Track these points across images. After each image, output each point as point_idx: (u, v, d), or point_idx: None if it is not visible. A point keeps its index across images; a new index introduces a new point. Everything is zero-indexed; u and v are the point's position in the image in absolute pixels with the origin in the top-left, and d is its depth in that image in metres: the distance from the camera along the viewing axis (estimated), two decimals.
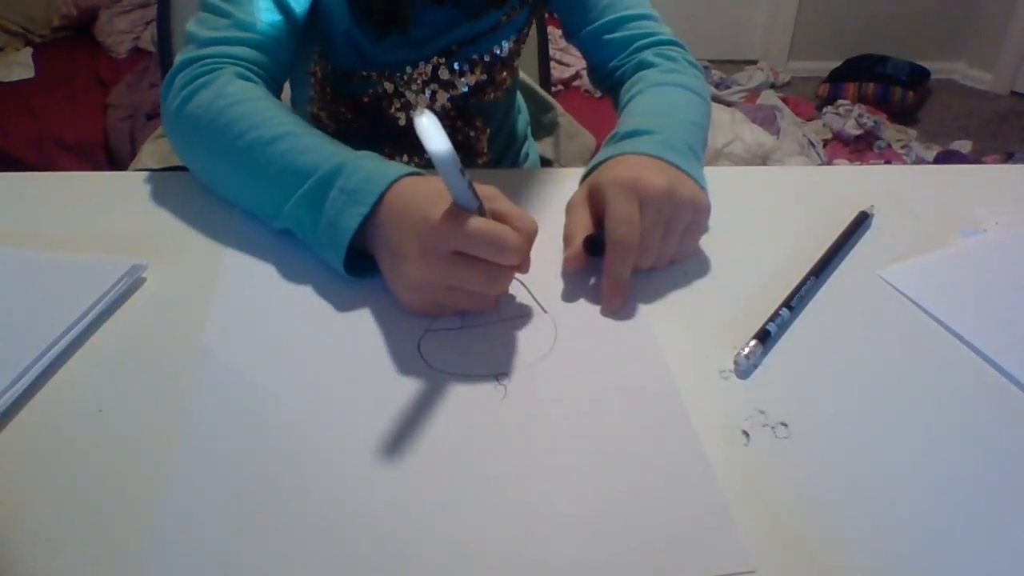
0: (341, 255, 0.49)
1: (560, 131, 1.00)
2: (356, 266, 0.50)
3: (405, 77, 0.74)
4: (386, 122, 0.77)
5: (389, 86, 0.74)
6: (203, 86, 0.58)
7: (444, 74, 0.75)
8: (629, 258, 0.50)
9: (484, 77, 0.77)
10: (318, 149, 0.52)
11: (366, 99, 0.75)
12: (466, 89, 0.77)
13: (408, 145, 0.80)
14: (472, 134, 0.81)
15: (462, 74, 0.76)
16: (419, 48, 0.73)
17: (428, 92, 0.75)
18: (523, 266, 0.49)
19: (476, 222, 0.44)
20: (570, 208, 0.56)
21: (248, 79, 0.60)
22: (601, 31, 0.74)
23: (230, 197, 0.59)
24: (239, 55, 0.61)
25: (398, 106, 0.76)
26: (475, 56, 0.75)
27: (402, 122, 0.77)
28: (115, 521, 0.35)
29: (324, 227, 0.49)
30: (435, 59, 0.74)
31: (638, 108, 0.64)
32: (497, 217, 0.47)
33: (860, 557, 0.35)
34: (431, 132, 0.40)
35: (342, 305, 0.50)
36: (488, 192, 0.48)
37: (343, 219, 0.48)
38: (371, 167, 0.50)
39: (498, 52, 0.76)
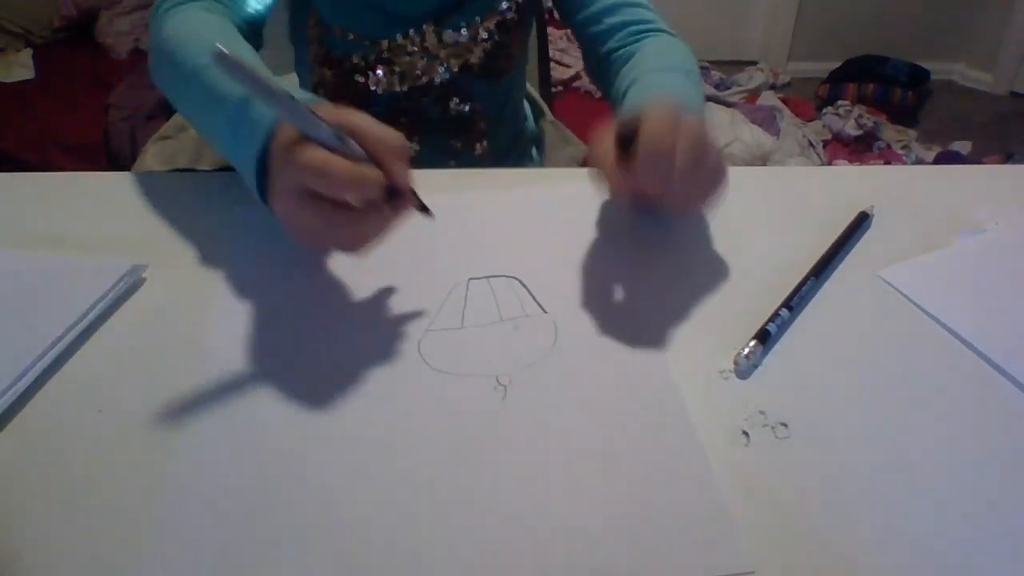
0: (255, 191, 0.48)
1: (546, 139, 1.00)
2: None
3: (394, 45, 0.75)
4: (380, 90, 0.77)
5: (378, 51, 0.75)
6: (170, 18, 0.61)
7: (431, 42, 0.75)
8: (664, 165, 0.45)
9: (474, 51, 0.77)
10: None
11: (356, 61, 0.76)
12: (456, 66, 0.77)
13: (402, 123, 0.80)
14: (465, 112, 0.81)
15: (450, 46, 0.76)
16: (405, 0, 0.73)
17: (417, 60, 0.76)
18: (399, 192, 0.44)
19: (306, 153, 0.41)
20: (595, 145, 0.52)
21: (211, 11, 0.63)
22: (597, 15, 0.76)
23: (188, 119, 0.60)
24: None
25: (388, 72, 0.76)
26: (463, 24, 0.76)
27: (395, 88, 0.77)
28: (115, 521, 0.35)
29: (239, 161, 0.49)
30: (424, 26, 0.74)
31: (646, 85, 0.64)
32: (358, 140, 0.42)
33: (860, 557, 0.35)
34: (232, 67, 0.37)
35: (342, 305, 0.50)
36: (349, 120, 0.43)
37: (246, 155, 0.47)
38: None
39: (488, 25, 0.76)
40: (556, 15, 0.84)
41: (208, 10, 0.63)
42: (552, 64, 1.45)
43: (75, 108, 2.03)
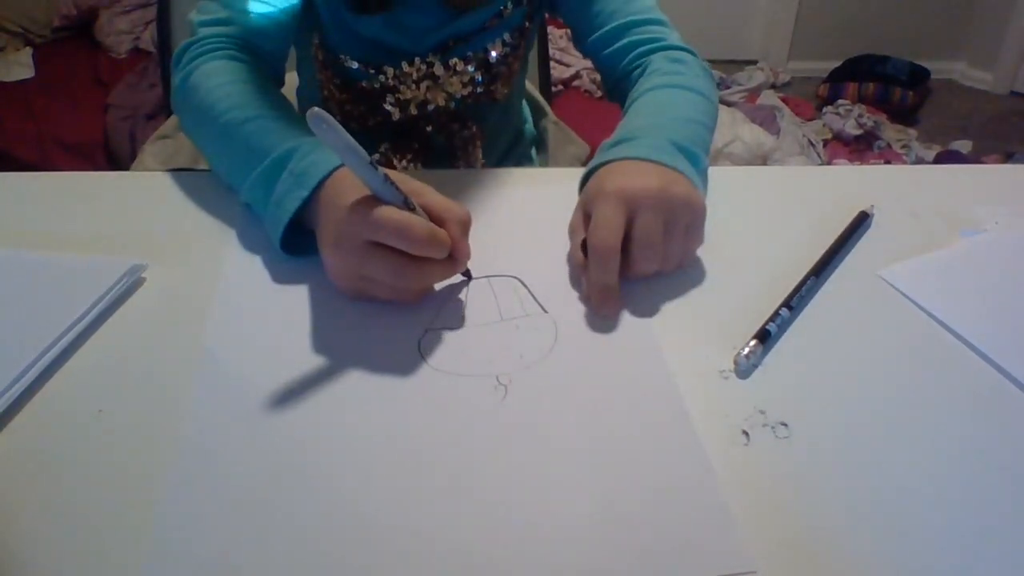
0: (279, 233, 0.51)
1: (549, 138, 1.00)
2: (303, 244, 0.52)
3: (399, 73, 0.75)
4: (382, 116, 0.77)
5: (383, 79, 0.75)
6: (197, 67, 0.62)
7: (438, 71, 0.75)
8: (607, 264, 0.49)
9: (478, 79, 0.77)
10: (281, 131, 0.55)
11: (363, 85, 0.76)
12: (461, 93, 0.77)
13: (405, 147, 0.80)
14: (467, 136, 0.81)
15: (455, 73, 0.76)
16: (410, 37, 0.73)
17: (423, 87, 0.76)
18: (456, 258, 0.49)
19: (383, 210, 0.45)
20: (571, 225, 0.55)
21: (239, 59, 0.64)
22: (607, 38, 0.73)
23: (216, 170, 0.62)
24: (233, 34, 0.65)
25: (392, 101, 0.76)
26: (469, 54, 0.75)
27: (395, 117, 0.77)
28: (115, 521, 0.35)
29: (272, 205, 0.52)
30: (430, 55, 0.74)
31: (631, 113, 0.64)
32: (426, 209, 0.48)
33: (860, 557, 0.35)
34: (327, 129, 0.41)
35: (342, 305, 0.50)
36: (416, 187, 0.48)
37: (287, 200, 0.51)
38: (322, 152, 0.52)
39: (494, 52, 0.76)
40: (553, 15, 0.83)
41: (233, 58, 0.63)
42: (552, 63, 1.45)
43: (75, 108, 2.03)
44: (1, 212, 0.60)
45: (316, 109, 0.40)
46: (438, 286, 0.52)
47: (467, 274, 0.52)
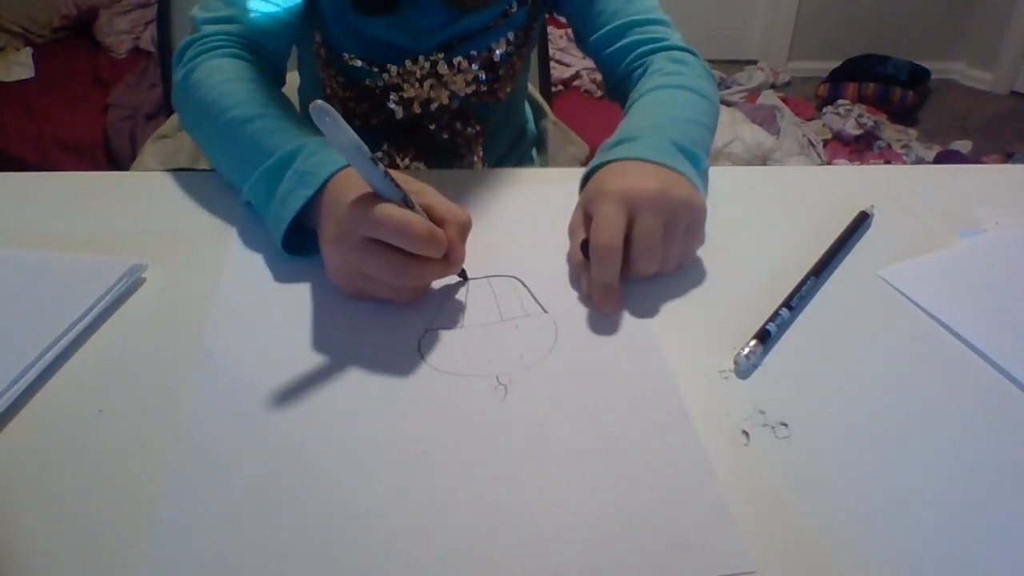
0: (281, 232, 0.51)
1: (549, 139, 1.00)
2: (304, 244, 0.52)
3: (403, 71, 0.75)
4: (385, 114, 0.77)
5: (387, 77, 0.75)
6: (200, 64, 0.62)
7: (442, 69, 0.75)
8: (609, 264, 0.49)
9: (482, 77, 0.77)
10: (285, 130, 0.55)
11: (366, 83, 0.76)
12: (465, 91, 0.77)
13: (408, 145, 0.80)
14: (470, 134, 0.81)
15: (459, 71, 0.76)
16: (414, 36, 0.73)
17: (426, 85, 0.76)
18: (451, 259, 0.49)
19: (383, 208, 0.45)
20: (571, 225, 0.55)
21: (242, 58, 0.64)
22: (609, 37, 0.74)
23: (217, 168, 0.62)
24: (236, 32, 0.65)
25: (396, 100, 0.76)
26: (473, 53, 0.75)
27: (399, 115, 0.77)
28: (115, 521, 0.35)
29: (275, 204, 0.52)
30: (434, 54, 0.74)
31: (632, 113, 0.64)
32: (426, 210, 0.48)
33: (860, 557, 0.35)
34: (331, 123, 0.41)
35: (342, 305, 0.50)
36: (418, 187, 0.49)
37: (290, 198, 0.51)
38: (327, 152, 0.52)
39: (498, 51, 0.76)
40: (556, 14, 0.83)
41: (236, 57, 0.63)
42: (552, 63, 1.45)
43: (75, 107, 2.03)
44: (1, 212, 0.60)
45: (319, 102, 0.40)
46: (437, 286, 0.52)
47: (463, 275, 0.52)
